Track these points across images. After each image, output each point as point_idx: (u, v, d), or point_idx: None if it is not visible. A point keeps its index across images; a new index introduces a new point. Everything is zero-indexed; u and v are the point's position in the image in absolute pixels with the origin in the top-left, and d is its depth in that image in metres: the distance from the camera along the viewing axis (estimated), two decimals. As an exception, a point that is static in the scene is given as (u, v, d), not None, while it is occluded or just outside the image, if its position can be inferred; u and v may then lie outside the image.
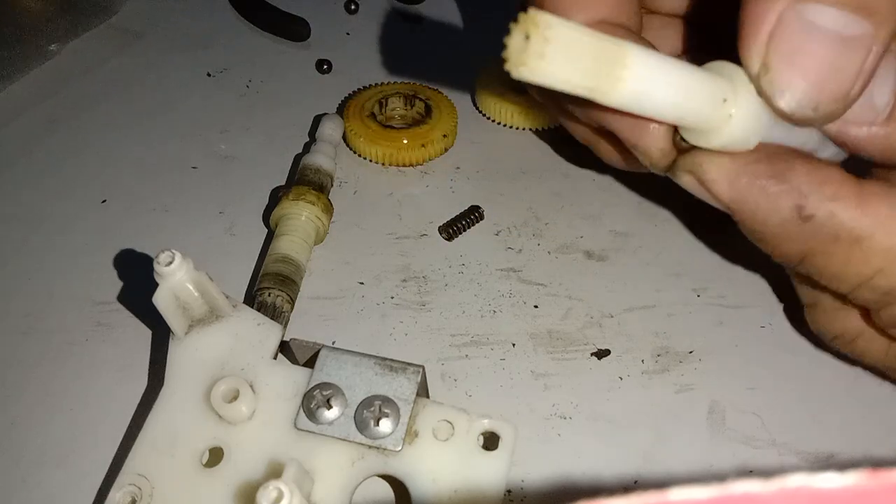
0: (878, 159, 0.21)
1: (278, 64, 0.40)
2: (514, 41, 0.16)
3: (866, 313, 0.23)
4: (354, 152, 0.35)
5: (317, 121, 0.35)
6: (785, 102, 0.18)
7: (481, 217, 0.32)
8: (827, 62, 0.18)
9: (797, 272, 0.22)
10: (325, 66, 0.39)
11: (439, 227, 0.32)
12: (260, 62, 0.40)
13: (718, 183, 0.20)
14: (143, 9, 0.43)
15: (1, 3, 0.38)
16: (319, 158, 0.32)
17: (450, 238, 0.32)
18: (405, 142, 0.34)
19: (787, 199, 0.19)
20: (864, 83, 0.18)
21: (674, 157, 0.21)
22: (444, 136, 0.34)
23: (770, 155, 0.20)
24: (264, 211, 0.33)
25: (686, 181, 0.21)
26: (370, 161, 0.35)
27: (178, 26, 0.42)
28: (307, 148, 0.33)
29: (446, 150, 0.35)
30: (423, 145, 0.34)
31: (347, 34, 0.42)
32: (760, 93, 0.19)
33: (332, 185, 0.32)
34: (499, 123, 0.36)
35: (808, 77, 0.18)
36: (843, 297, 0.22)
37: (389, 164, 0.34)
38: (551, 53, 0.16)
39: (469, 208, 0.32)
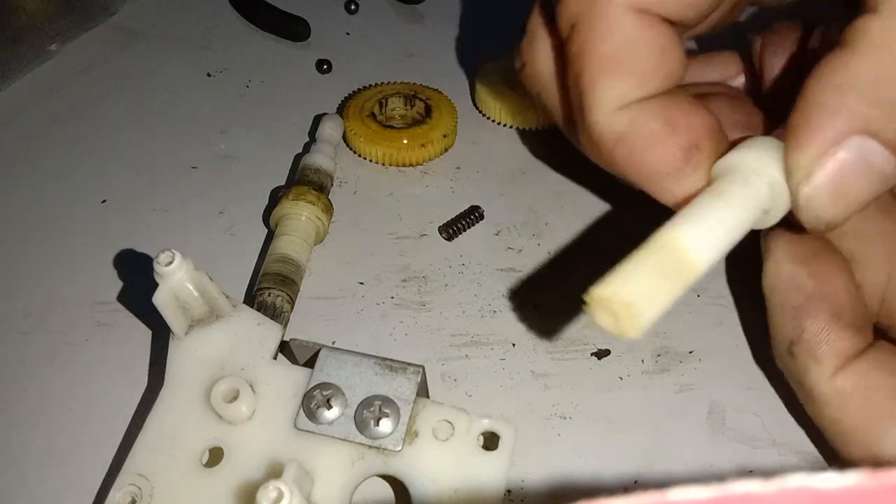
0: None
1: (278, 64, 0.40)
2: (605, 319, 0.18)
3: None
4: (354, 152, 0.35)
5: (317, 121, 0.35)
6: (808, 217, 0.19)
7: (481, 217, 0.32)
8: (863, 196, 0.19)
9: None
10: (325, 66, 0.39)
11: (439, 227, 0.32)
12: (260, 62, 0.40)
13: (769, 275, 0.23)
14: (143, 9, 0.43)
15: (0, 3, 0.38)
16: (319, 158, 0.32)
17: (450, 238, 0.32)
18: (405, 142, 0.34)
19: (788, 331, 0.22)
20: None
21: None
22: (445, 135, 0.34)
23: (813, 293, 0.22)
24: (264, 211, 0.33)
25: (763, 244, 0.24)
26: (370, 161, 0.35)
27: (178, 26, 0.42)
28: (307, 148, 0.33)
29: (446, 150, 0.35)
30: (423, 145, 0.34)
31: (347, 34, 0.42)
32: (792, 193, 0.19)
33: (332, 185, 0.32)
34: (499, 123, 0.36)
35: (840, 205, 0.19)
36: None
37: (389, 164, 0.34)
38: (642, 318, 0.17)
39: (469, 208, 0.32)
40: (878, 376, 0.21)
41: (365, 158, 0.35)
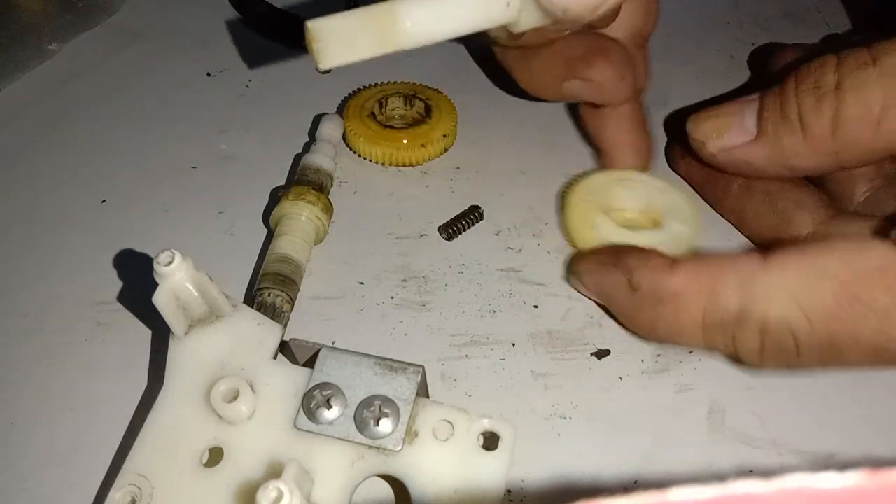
0: (758, 171, 0.28)
1: (278, 64, 0.40)
2: (311, 47, 0.21)
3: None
4: (354, 152, 0.35)
5: (317, 121, 0.35)
6: (554, 6, 0.24)
7: (481, 217, 0.32)
8: None
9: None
10: (325, 66, 0.39)
11: (439, 227, 0.32)
12: (260, 62, 0.40)
13: (586, 276, 0.28)
14: (143, 8, 0.43)
15: (0, 3, 0.38)
16: (319, 158, 0.32)
17: (450, 238, 0.32)
18: (405, 142, 0.34)
19: (621, 276, 0.26)
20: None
21: (513, 38, 0.27)
22: (444, 135, 0.34)
23: (616, 250, 0.27)
24: (264, 211, 0.33)
25: (574, 282, 0.29)
26: (370, 161, 0.35)
27: (178, 26, 0.42)
28: (307, 148, 0.33)
29: (446, 150, 0.35)
30: (423, 145, 0.34)
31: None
32: None
33: (332, 185, 0.32)
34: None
35: None
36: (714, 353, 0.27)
37: (389, 164, 0.34)
38: (325, 48, 0.21)
39: (469, 208, 0.32)
40: (702, 255, 0.25)
41: (365, 158, 0.35)
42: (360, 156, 0.35)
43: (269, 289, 0.27)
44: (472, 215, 0.32)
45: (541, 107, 0.37)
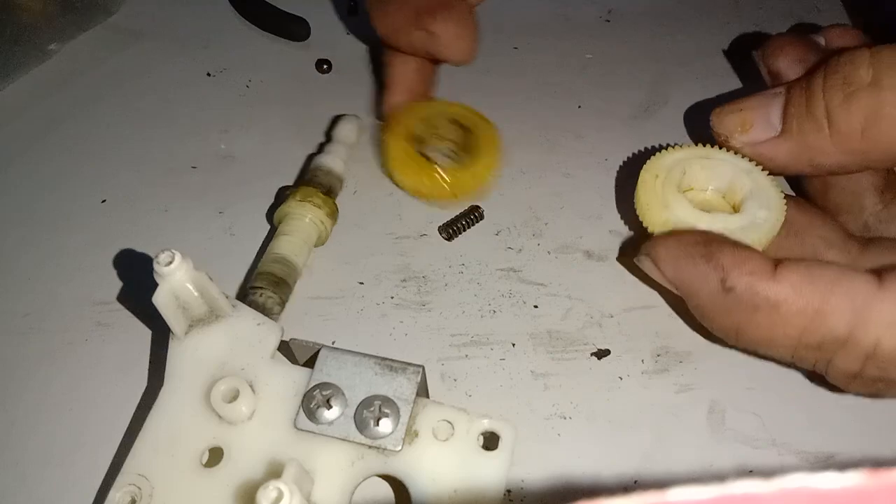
0: (781, 168, 0.27)
1: (278, 64, 0.40)
2: None
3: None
4: (381, 169, 0.33)
5: (334, 121, 0.35)
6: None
7: (481, 217, 0.32)
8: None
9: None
10: (325, 66, 0.39)
11: (439, 227, 0.32)
12: (260, 62, 0.40)
13: (665, 262, 0.25)
14: (143, 8, 0.43)
15: (1, 3, 0.38)
16: (331, 160, 0.32)
17: (450, 238, 0.32)
18: (446, 187, 0.31)
19: (713, 275, 0.23)
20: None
21: None
22: (486, 170, 0.32)
23: (706, 240, 0.24)
24: (267, 210, 0.33)
25: (646, 264, 0.26)
26: (400, 188, 0.33)
27: (177, 26, 0.42)
28: (321, 148, 0.33)
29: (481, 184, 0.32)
30: (459, 195, 0.31)
31: (347, 34, 0.42)
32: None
33: (341, 188, 0.32)
34: None
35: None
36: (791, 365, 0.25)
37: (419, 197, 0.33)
38: None
39: (469, 208, 0.32)
40: (804, 263, 0.23)
41: (391, 181, 0.33)
42: (391, 181, 0.33)
43: (262, 289, 0.27)
44: (472, 215, 0.32)
45: (541, 107, 0.37)
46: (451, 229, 0.32)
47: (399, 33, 0.31)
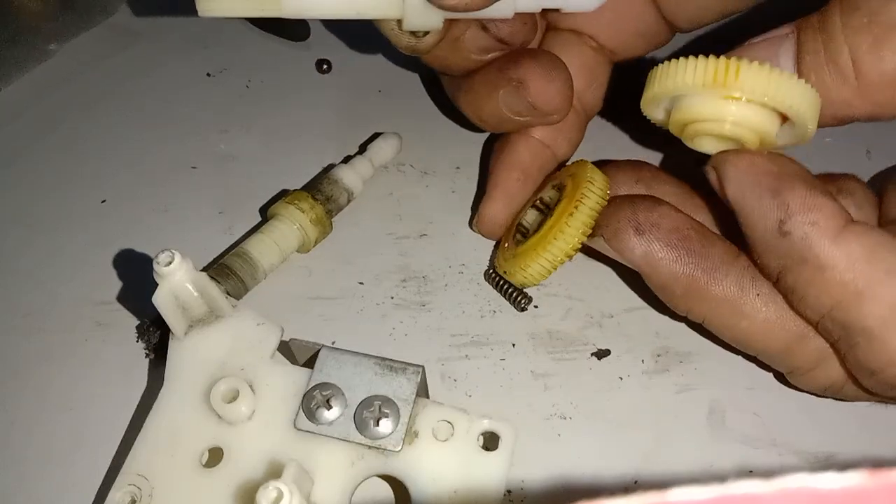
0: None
1: (278, 64, 0.40)
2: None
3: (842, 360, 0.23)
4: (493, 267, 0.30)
5: (374, 136, 0.34)
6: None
7: (521, 308, 0.29)
8: None
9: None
10: (325, 66, 0.39)
11: (485, 272, 0.30)
12: (260, 62, 0.40)
13: (731, 182, 0.22)
14: (143, 8, 0.43)
15: (1, 2, 0.38)
16: (344, 172, 0.31)
17: (523, 309, 0.29)
18: (527, 262, 0.27)
19: (774, 213, 0.21)
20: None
21: (413, 41, 0.26)
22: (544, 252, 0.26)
23: (779, 172, 0.22)
24: (265, 210, 0.33)
25: (711, 176, 0.23)
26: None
27: (177, 26, 0.42)
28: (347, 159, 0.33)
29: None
30: (526, 266, 0.27)
31: (348, 34, 0.42)
32: None
33: (347, 202, 0.31)
34: None
35: None
36: (815, 327, 0.23)
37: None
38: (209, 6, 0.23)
39: (519, 290, 0.29)
40: (876, 235, 0.21)
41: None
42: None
43: (211, 278, 0.27)
44: (514, 296, 0.29)
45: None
46: (493, 281, 0.30)
47: (484, 102, 0.28)
